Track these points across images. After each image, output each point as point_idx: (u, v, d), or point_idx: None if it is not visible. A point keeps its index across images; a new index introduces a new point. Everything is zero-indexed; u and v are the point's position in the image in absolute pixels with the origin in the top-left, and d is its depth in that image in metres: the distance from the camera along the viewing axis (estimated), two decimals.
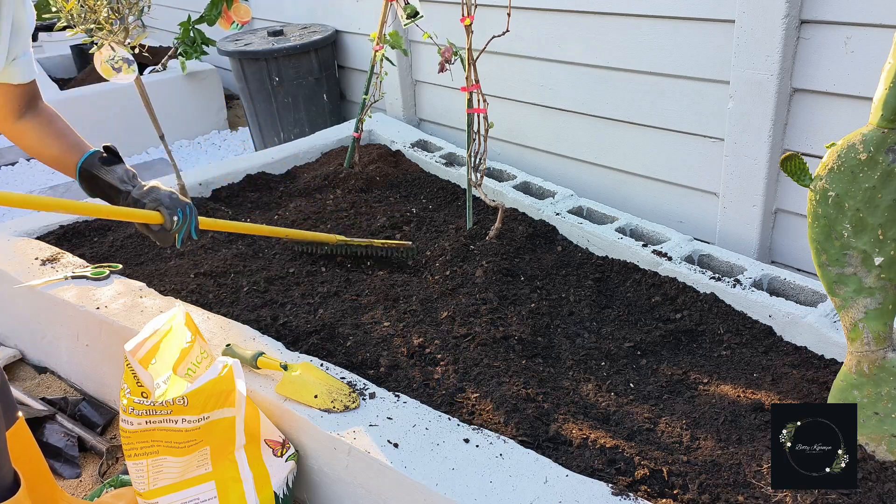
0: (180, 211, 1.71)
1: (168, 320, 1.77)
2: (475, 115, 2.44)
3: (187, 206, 1.74)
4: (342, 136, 3.52)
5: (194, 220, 1.76)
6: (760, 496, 1.48)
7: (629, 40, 2.63)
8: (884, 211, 1.41)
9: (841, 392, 1.60)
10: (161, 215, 1.69)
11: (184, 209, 1.72)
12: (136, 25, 2.55)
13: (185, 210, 1.73)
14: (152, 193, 1.71)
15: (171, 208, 1.70)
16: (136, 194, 1.70)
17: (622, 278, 2.34)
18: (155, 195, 1.71)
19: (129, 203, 1.70)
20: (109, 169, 1.71)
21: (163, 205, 1.69)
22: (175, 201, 1.72)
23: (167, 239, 1.74)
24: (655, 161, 2.73)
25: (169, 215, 1.69)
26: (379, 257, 2.53)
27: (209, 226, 1.95)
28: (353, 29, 3.98)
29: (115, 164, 1.72)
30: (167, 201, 1.70)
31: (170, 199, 1.71)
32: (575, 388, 1.88)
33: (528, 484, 1.45)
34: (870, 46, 2.04)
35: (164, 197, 1.71)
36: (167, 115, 4.21)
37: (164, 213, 1.69)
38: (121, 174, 1.72)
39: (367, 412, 1.67)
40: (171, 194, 1.73)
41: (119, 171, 1.72)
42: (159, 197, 1.71)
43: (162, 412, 1.56)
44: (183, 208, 1.72)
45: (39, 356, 2.53)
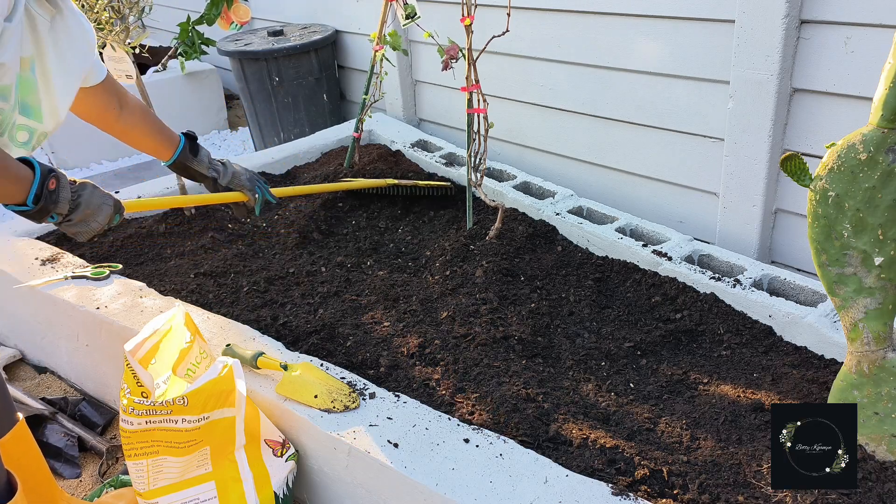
0: (258, 189, 2.13)
1: (168, 320, 1.77)
2: (475, 115, 2.44)
3: (259, 181, 2.15)
4: (342, 136, 3.52)
5: (266, 190, 2.17)
6: (760, 496, 1.48)
7: (629, 40, 2.63)
8: (884, 211, 1.41)
9: (841, 392, 1.60)
10: (245, 195, 2.11)
11: (259, 185, 2.14)
12: (136, 26, 2.55)
13: (260, 187, 2.15)
14: (235, 179, 2.10)
15: (251, 189, 2.11)
16: (223, 182, 2.08)
17: (622, 278, 2.34)
18: (238, 181, 2.10)
19: (218, 189, 2.08)
20: (197, 159, 2.04)
21: (245, 188, 2.10)
22: (252, 181, 2.13)
23: (248, 212, 2.16)
24: (655, 161, 2.73)
25: (251, 195, 2.12)
26: (423, 196, 2.85)
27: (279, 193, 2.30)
28: (353, 29, 3.98)
29: (199, 151, 2.04)
30: (248, 184, 2.11)
31: (249, 181, 2.12)
32: (575, 388, 1.88)
33: (528, 484, 1.45)
34: (870, 46, 2.04)
35: (245, 181, 2.11)
36: (167, 115, 4.19)
37: (248, 194, 2.11)
38: (206, 162, 2.06)
39: (367, 412, 1.67)
40: (250, 176, 2.13)
41: (204, 159, 2.05)
42: (242, 182, 2.10)
43: (162, 412, 1.56)
44: (258, 184, 2.14)
45: (39, 356, 2.53)
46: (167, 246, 2.67)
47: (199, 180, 2.08)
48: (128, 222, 2.86)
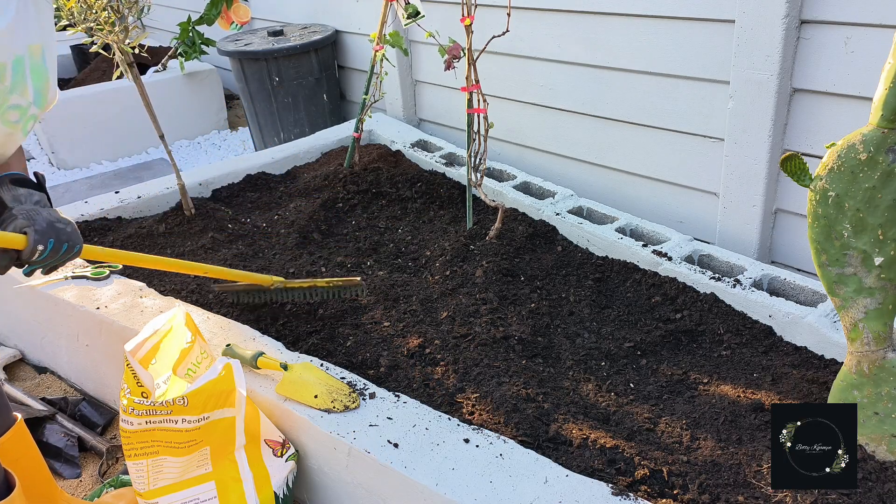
0: (52, 241, 1.35)
1: (168, 320, 1.77)
2: (475, 115, 2.44)
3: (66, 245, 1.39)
4: (342, 136, 3.52)
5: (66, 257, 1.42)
6: (760, 496, 1.48)
7: (629, 40, 2.63)
8: (884, 211, 1.41)
9: (841, 392, 1.60)
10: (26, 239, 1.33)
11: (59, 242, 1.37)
12: (135, 26, 2.55)
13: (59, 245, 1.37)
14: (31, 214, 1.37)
15: (42, 233, 1.34)
16: (15, 209, 1.38)
17: (622, 278, 2.34)
18: (31, 216, 1.36)
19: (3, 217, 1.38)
20: (12, 188, 1.41)
21: (35, 225, 1.35)
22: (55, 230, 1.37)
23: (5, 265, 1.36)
24: (655, 161, 2.73)
25: (35, 240, 1.33)
26: (324, 299, 2.21)
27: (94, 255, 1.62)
28: (353, 29, 3.98)
29: (28, 187, 1.43)
30: (43, 225, 1.35)
31: (48, 224, 1.36)
32: (575, 388, 1.88)
33: (528, 484, 1.45)
34: (870, 46, 2.04)
35: (42, 220, 1.36)
36: (167, 115, 4.22)
37: (31, 234, 1.33)
38: (22, 194, 1.41)
39: (367, 412, 1.67)
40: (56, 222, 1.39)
41: (22, 192, 1.41)
42: (35, 219, 1.36)
43: (162, 412, 1.56)
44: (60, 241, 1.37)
45: (39, 356, 2.53)
46: (167, 246, 2.67)
47: None
48: (128, 222, 2.86)
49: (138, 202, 2.94)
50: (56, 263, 1.42)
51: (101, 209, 2.88)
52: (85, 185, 4.16)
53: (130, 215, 2.91)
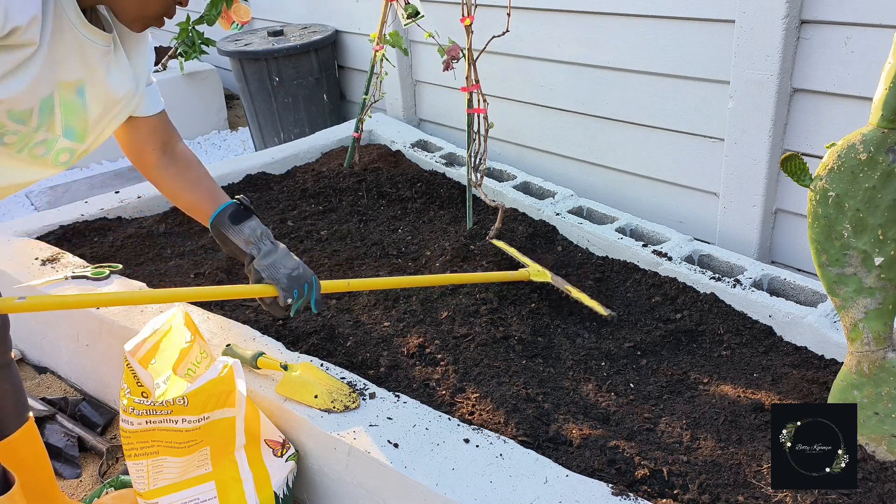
0: (296, 291, 1.62)
1: (168, 320, 1.77)
2: (475, 115, 2.44)
3: (305, 285, 1.64)
4: (342, 136, 3.52)
5: (314, 294, 1.67)
6: (760, 496, 1.48)
7: (629, 40, 2.63)
8: (884, 211, 1.41)
9: (841, 392, 1.60)
10: (275, 290, 1.62)
11: (300, 288, 1.63)
12: None
13: (301, 289, 1.63)
14: (270, 270, 1.62)
15: (287, 289, 1.61)
16: (257, 265, 1.62)
17: (622, 278, 2.34)
18: (272, 273, 1.61)
19: (249, 271, 1.64)
20: (237, 229, 1.63)
21: (279, 284, 1.61)
22: (293, 280, 1.62)
23: (280, 311, 1.66)
24: (655, 161, 2.73)
25: (284, 296, 1.61)
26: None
27: (333, 289, 1.83)
28: (353, 29, 3.98)
29: (244, 220, 1.64)
30: (284, 281, 1.61)
31: (288, 278, 1.62)
32: (575, 388, 1.88)
33: (528, 484, 1.45)
34: (870, 46, 2.04)
35: (282, 277, 1.61)
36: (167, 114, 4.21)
37: (280, 292, 1.61)
38: (247, 235, 1.63)
39: (367, 412, 1.67)
40: (291, 272, 1.63)
41: (246, 231, 1.63)
42: (277, 276, 1.61)
43: (162, 412, 1.56)
44: (300, 287, 1.63)
45: (39, 356, 2.53)
46: (167, 246, 2.67)
47: (237, 256, 1.68)
48: (128, 222, 2.86)
49: (138, 202, 2.94)
50: (309, 301, 1.66)
51: (101, 209, 2.88)
52: (85, 184, 4.16)
53: (130, 215, 2.91)
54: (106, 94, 1.43)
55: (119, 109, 1.49)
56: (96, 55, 1.36)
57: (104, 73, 1.40)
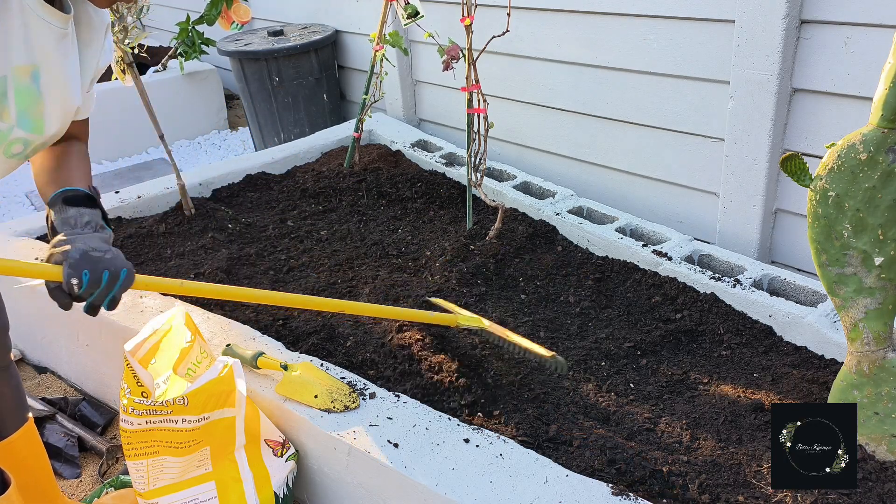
0: (86, 273, 1.26)
1: (168, 320, 1.77)
2: (475, 115, 2.44)
3: (106, 272, 1.29)
4: (342, 136, 3.52)
5: (116, 289, 1.31)
6: (760, 496, 1.48)
7: (629, 40, 2.63)
8: (884, 211, 1.41)
9: (841, 392, 1.60)
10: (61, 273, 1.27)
11: (96, 272, 1.27)
12: (134, 26, 2.55)
13: (97, 274, 1.28)
14: (63, 245, 1.30)
15: (74, 266, 1.26)
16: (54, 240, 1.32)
17: (622, 278, 2.34)
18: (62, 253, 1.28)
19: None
20: (64, 208, 1.35)
21: (67, 260, 1.27)
22: (87, 259, 1.28)
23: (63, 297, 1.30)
24: (655, 161, 2.73)
25: (68, 275, 1.26)
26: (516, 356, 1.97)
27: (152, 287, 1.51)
28: (353, 29, 3.98)
29: (79, 206, 1.36)
30: (75, 256, 1.27)
31: (81, 255, 1.27)
32: (575, 388, 1.88)
33: (528, 484, 1.45)
34: (870, 46, 2.04)
35: (74, 252, 1.28)
36: (167, 115, 4.21)
37: (65, 269, 1.27)
38: (71, 215, 1.34)
39: (367, 412, 1.67)
40: (89, 250, 1.29)
41: (71, 212, 1.35)
42: (67, 252, 1.28)
43: (162, 412, 1.56)
44: (96, 271, 1.28)
45: (39, 356, 2.53)
46: (167, 246, 2.67)
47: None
48: (128, 222, 2.86)
49: (138, 202, 2.94)
50: (107, 295, 1.31)
51: None
52: None
53: (130, 215, 2.91)
54: (63, 83, 1.32)
55: (75, 103, 1.38)
56: (52, 39, 1.26)
57: (60, 59, 1.29)
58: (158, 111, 2.76)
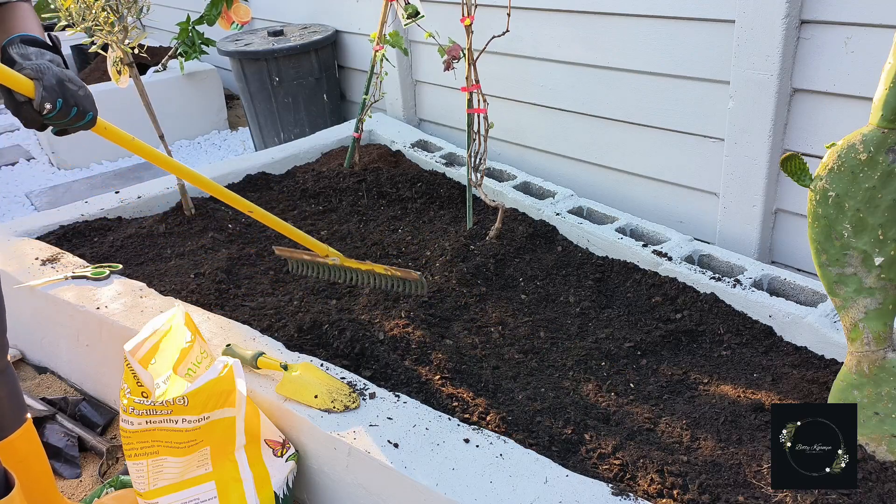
0: (60, 101, 1.29)
1: (168, 320, 1.77)
2: (475, 115, 2.44)
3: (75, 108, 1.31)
4: (342, 136, 3.52)
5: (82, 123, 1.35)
6: (760, 496, 1.48)
7: (629, 40, 2.63)
8: (884, 211, 1.41)
9: (841, 392, 1.60)
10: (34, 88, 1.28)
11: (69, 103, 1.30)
12: (134, 26, 2.55)
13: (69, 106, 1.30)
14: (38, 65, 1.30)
15: (49, 90, 1.28)
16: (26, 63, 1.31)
17: (622, 278, 2.34)
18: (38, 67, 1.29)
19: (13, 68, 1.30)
20: (23, 46, 1.35)
21: (42, 81, 1.28)
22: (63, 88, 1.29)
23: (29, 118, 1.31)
24: (655, 161, 2.73)
25: (42, 97, 1.27)
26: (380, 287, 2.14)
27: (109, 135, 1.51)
28: (353, 29, 3.98)
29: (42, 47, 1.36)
30: (51, 80, 1.28)
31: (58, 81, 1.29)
32: (575, 388, 1.88)
33: (528, 484, 1.45)
34: (870, 46, 2.04)
35: (51, 76, 1.29)
36: (167, 115, 4.22)
37: (38, 90, 1.28)
38: (32, 52, 1.34)
39: (367, 412, 1.67)
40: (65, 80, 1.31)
41: (32, 50, 1.34)
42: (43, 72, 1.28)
43: (162, 412, 1.56)
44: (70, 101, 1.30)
45: (39, 356, 2.53)
46: (167, 246, 2.67)
47: None
48: (128, 222, 2.86)
49: (138, 202, 2.94)
50: (66, 127, 1.34)
51: (102, 209, 2.88)
52: (85, 185, 4.16)
53: (130, 215, 2.91)
54: None
55: None
56: None
57: None
58: (158, 111, 2.76)
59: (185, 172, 1.76)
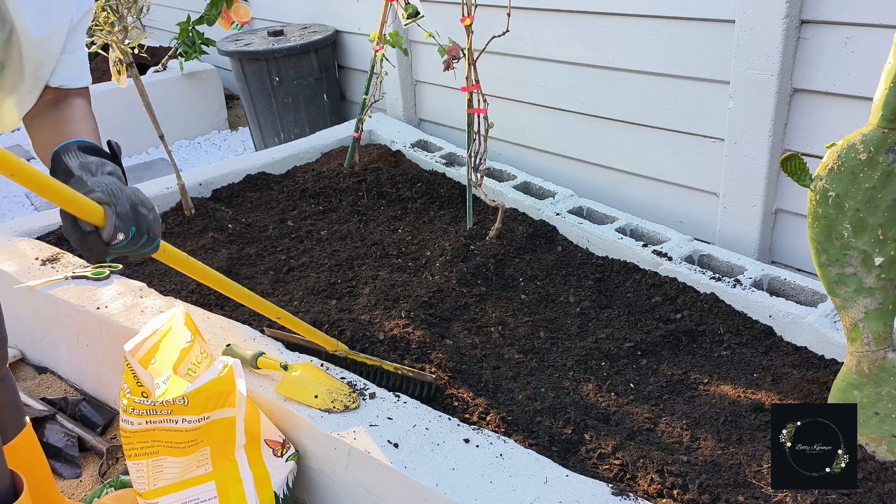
0: (133, 229, 1.12)
1: (168, 320, 1.77)
2: (475, 115, 2.44)
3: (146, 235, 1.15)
4: (342, 136, 3.52)
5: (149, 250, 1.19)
6: (760, 496, 1.48)
7: (629, 40, 2.63)
8: (884, 211, 1.41)
9: (841, 392, 1.60)
10: (104, 215, 1.11)
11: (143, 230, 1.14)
12: (134, 26, 2.55)
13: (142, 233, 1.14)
14: (110, 188, 1.12)
15: (124, 217, 1.11)
16: (90, 182, 1.14)
17: (622, 278, 2.34)
18: (111, 190, 1.12)
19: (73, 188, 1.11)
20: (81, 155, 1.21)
21: (116, 205, 1.11)
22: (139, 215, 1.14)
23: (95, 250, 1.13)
24: (655, 161, 2.73)
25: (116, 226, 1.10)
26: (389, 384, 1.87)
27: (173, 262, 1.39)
28: (353, 29, 3.98)
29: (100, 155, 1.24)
30: (125, 206, 1.11)
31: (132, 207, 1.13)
32: (575, 388, 1.88)
33: (528, 484, 1.45)
34: (870, 46, 2.04)
35: (125, 200, 1.12)
36: (167, 115, 4.21)
37: (110, 218, 1.10)
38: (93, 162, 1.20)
39: (367, 412, 1.67)
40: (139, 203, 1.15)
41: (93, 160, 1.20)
42: (117, 196, 1.11)
43: (162, 412, 1.56)
44: (143, 228, 1.14)
45: (39, 356, 2.53)
46: None
47: None
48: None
49: None
50: (129, 254, 1.16)
51: None
52: None
53: None
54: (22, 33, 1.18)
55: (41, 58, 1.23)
56: None
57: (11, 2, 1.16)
58: (158, 111, 2.76)
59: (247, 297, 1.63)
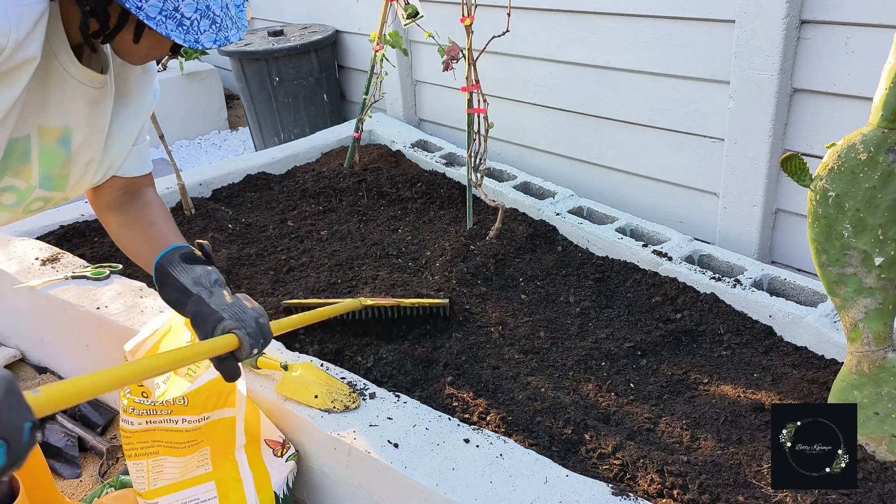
0: (262, 342, 1.29)
1: (168, 320, 1.77)
2: (475, 115, 2.44)
3: (269, 336, 1.32)
4: (342, 136, 3.52)
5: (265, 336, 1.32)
6: (760, 496, 1.48)
7: (629, 40, 2.63)
8: (884, 211, 1.41)
9: (841, 392, 1.60)
10: (238, 340, 1.25)
11: (266, 335, 1.30)
12: None
13: (266, 341, 1.31)
14: (235, 310, 1.28)
15: (254, 335, 1.27)
16: (214, 304, 1.28)
17: (622, 278, 2.34)
18: (238, 315, 1.27)
19: (199, 310, 1.29)
20: (188, 267, 1.32)
21: (246, 329, 1.26)
22: (261, 327, 1.29)
23: (231, 370, 1.28)
24: (656, 161, 2.73)
25: (250, 344, 1.26)
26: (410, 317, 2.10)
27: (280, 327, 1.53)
28: (353, 29, 3.98)
29: (199, 263, 1.35)
30: (252, 326, 1.27)
31: (256, 323, 1.28)
32: (575, 388, 1.88)
33: (528, 484, 1.45)
34: (870, 46, 2.04)
35: (250, 320, 1.27)
36: (167, 115, 4.21)
37: (245, 340, 1.25)
38: (199, 275, 1.32)
39: (367, 412, 1.67)
40: (258, 317, 1.30)
41: (198, 271, 1.32)
42: (244, 319, 1.27)
43: (162, 412, 1.56)
44: (266, 334, 1.30)
45: (39, 356, 2.53)
46: None
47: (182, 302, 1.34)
48: None
49: None
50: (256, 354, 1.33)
51: None
52: None
53: None
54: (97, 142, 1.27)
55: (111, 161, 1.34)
56: (86, 99, 1.21)
57: (95, 119, 1.24)
58: (158, 111, 2.76)
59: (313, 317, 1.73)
